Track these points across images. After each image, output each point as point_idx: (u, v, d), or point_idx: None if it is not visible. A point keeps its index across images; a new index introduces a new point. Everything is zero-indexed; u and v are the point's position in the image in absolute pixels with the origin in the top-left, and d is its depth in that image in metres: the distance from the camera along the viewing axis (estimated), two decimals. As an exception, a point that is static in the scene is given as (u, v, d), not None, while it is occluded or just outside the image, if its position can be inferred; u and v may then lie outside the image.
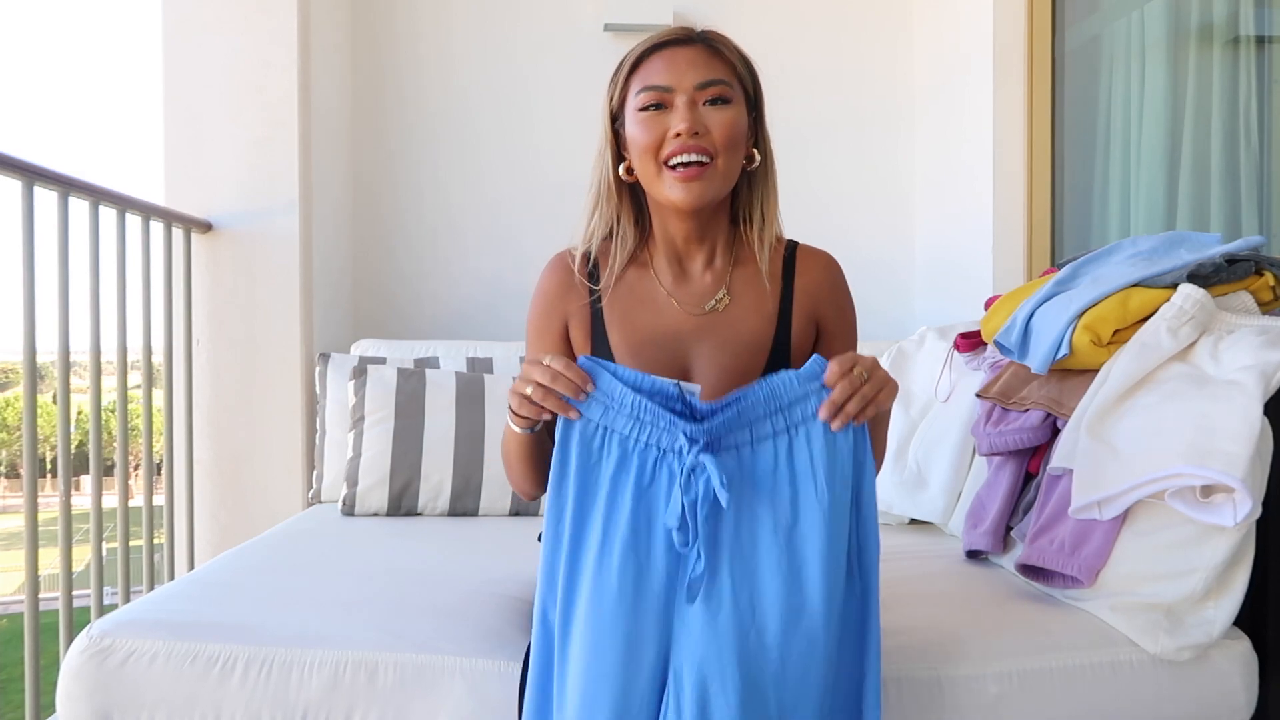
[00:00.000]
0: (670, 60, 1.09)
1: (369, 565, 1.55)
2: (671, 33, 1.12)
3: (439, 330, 2.64)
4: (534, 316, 1.19)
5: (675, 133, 1.06)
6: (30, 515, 1.55)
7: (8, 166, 1.51)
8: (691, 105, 1.08)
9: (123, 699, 1.13)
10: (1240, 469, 1.04)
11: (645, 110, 1.09)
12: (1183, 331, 1.22)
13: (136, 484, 6.27)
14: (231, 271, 2.20)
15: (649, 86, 1.09)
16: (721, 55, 1.11)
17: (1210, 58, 1.97)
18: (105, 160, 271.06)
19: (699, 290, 1.15)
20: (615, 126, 1.14)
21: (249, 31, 2.18)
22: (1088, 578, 1.22)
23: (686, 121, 1.06)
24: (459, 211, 2.67)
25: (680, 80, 1.08)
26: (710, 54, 1.10)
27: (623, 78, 1.13)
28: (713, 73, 1.09)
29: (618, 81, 1.13)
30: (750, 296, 1.14)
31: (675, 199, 1.08)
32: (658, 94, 1.08)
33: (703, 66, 1.09)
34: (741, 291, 1.15)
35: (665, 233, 1.16)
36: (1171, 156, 2.01)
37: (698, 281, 1.16)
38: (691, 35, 1.12)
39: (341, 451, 2.08)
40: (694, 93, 1.08)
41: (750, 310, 1.14)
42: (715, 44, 1.12)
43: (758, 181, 1.16)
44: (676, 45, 1.10)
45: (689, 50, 1.10)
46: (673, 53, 1.10)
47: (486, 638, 1.17)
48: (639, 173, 1.12)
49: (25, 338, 1.51)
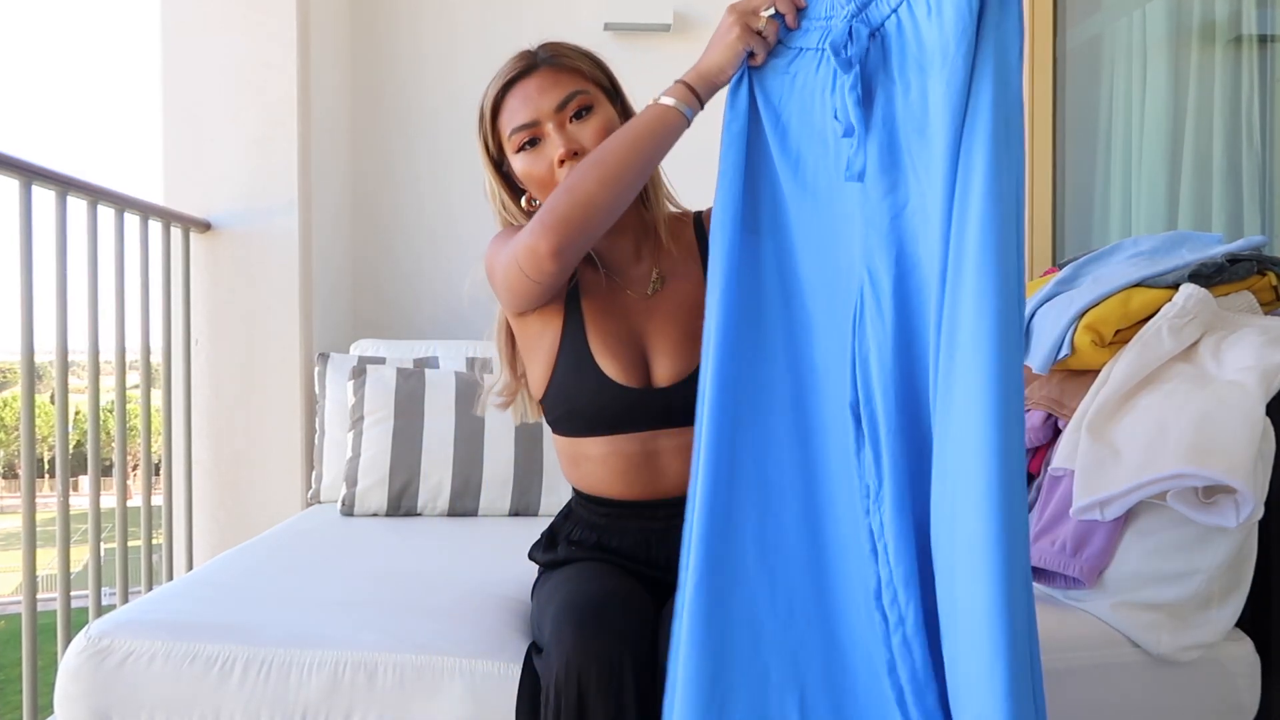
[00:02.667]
0: (524, 95, 1.15)
1: (369, 565, 1.54)
2: (514, 67, 1.17)
3: (438, 330, 2.64)
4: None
5: (559, 159, 1.13)
6: (28, 515, 1.54)
7: (6, 166, 1.51)
8: (560, 127, 1.14)
9: (121, 699, 1.12)
10: (1242, 470, 1.04)
11: (523, 150, 1.16)
12: (1184, 332, 1.22)
13: (135, 484, 6.24)
14: (231, 271, 2.20)
15: (517, 128, 1.15)
16: (566, 68, 1.17)
17: (1212, 57, 1.97)
18: (104, 160, 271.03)
19: (638, 277, 1.23)
20: (503, 170, 1.22)
21: (249, 31, 2.18)
22: (1089, 579, 1.22)
23: (563, 146, 1.13)
24: (459, 211, 2.67)
25: (539, 109, 1.14)
26: (556, 72, 1.16)
27: (489, 126, 1.19)
28: (566, 88, 1.15)
29: (484, 130, 1.20)
30: (678, 268, 1.23)
31: None
32: (528, 131, 1.15)
33: (554, 88, 1.15)
34: (670, 267, 1.23)
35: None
36: (1173, 156, 2.01)
37: (634, 270, 1.24)
38: (534, 62, 1.17)
39: (341, 451, 2.07)
40: (557, 115, 1.14)
41: (682, 279, 1.22)
42: (557, 60, 1.17)
43: None
44: (523, 78, 1.16)
45: (536, 78, 1.16)
46: (523, 86, 1.16)
47: (486, 638, 1.17)
48: (542, 202, 1.16)
49: (23, 337, 1.51)
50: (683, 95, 1.03)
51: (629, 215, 1.21)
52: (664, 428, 1.18)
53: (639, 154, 1.04)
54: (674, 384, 1.17)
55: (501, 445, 1.97)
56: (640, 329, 1.20)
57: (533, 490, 1.97)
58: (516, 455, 1.98)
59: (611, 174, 1.03)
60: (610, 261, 1.24)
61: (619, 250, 1.24)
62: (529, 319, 1.22)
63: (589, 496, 1.24)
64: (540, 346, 1.22)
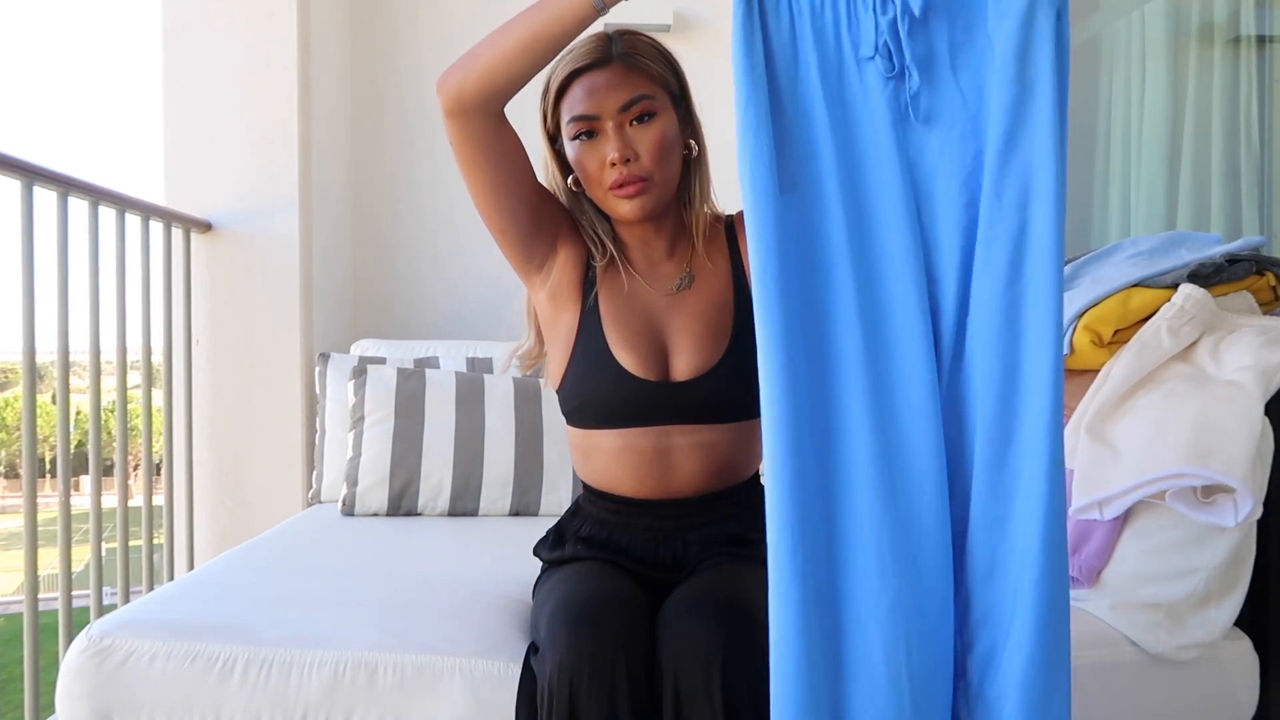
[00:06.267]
0: (590, 87, 1.14)
1: (369, 565, 1.55)
2: (588, 55, 1.15)
3: (439, 330, 2.64)
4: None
5: (610, 161, 1.13)
6: (30, 515, 1.55)
7: (7, 166, 1.51)
8: (619, 130, 1.13)
9: (122, 699, 1.12)
10: (1241, 469, 1.04)
11: (578, 139, 1.16)
12: (1183, 331, 1.22)
13: (136, 484, 6.27)
14: (231, 271, 2.20)
15: (576, 117, 1.15)
16: (639, 68, 1.15)
17: (1210, 57, 1.97)
18: (105, 160, 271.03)
19: (666, 274, 1.24)
20: (556, 146, 1.22)
21: (249, 31, 2.18)
22: (1088, 578, 1.22)
23: (617, 150, 1.13)
24: (459, 211, 2.67)
25: (603, 106, 1.13)
26: (627, 70, 1.15)
27: (551, 103, 1.19)
28: (633, 90, 1.13)
29: (546, 105, 1.20)
30: (708, 269, 1.23)
31: (625, 214, 1.17)
32: (586, 123, 1.14)
33: (622, 87, 1.13)
34: (700, 266, 1.24)
35: (631, 235, 1.24)
36: (1172, 156, 2.01)
37: (664, 267, 1.24)
38: (608, 54, 1.15)
39: (341, 451, 2.07)
40: (619, 116, 1.13)
41: (710, 277, 1.23)
42: (632, 57, 1.15)
43: (694, 168, 1.23)
44: (594, 69, 1.14)
45: (606, 73, 1.14)
46: (592, 77, 1.14)
47: (486, 638, 1.17)
48: (588, 192, 1.20)
49: (24, 338, 1.51)
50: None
51: (669, 217, 1.23)
52: (679, 423, 1.18)
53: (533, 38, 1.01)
54: (693, 378, 1.17)
55: (502, 445, 1.98)
56: (662, 324, 1.20)
57: (533, 490, 1.98)
58: (517, 455, 1.98)
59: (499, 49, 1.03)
60: (641, 258, 1.24)
61: (654, 248, 1.24)
62: (542, 299, 1.24)
63: (599, 492, 1.24)
64: (557, 336, 1.23)
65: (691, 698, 0.96)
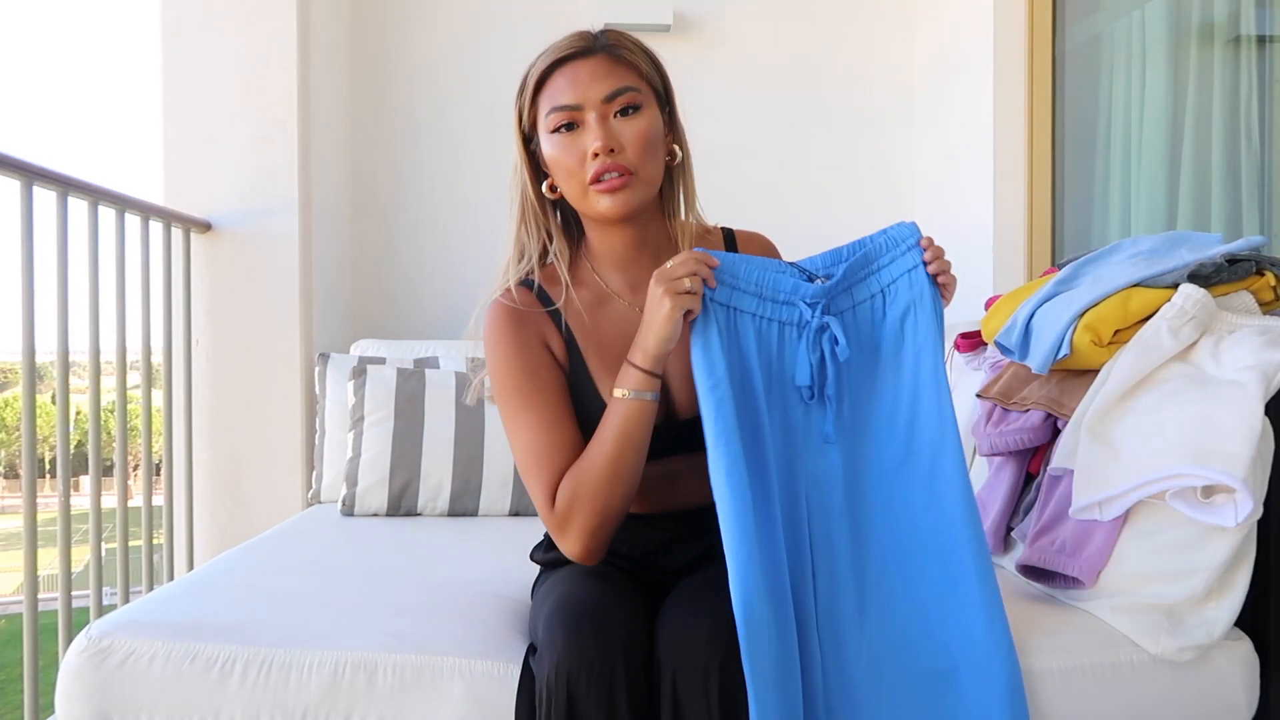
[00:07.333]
0: (574, 76, 1.08)
1: (369, 566, 1.54)
2: (571, 45, 1.10)
3: (439, 330, 2.64)
4: (512, 359, 1.12)
5: (592, 152, 1.06)
6: (29, 515, 1.55)
7: (7, 166, 1.51)
8: (603, 120, 1.07)
9: (122, 700, 1.12)
10: (1241, 469, 1.04)
11: (558, 131, 1.09)
12: (1183, 331, 1.22)
13: (136, 484, 6.27)
14: (231, 272, 2.20)
15: (557, 107, 1.08)
16: (625, 60, 1.10)
17: (1211, 57, 1.97)
18: (104, 160, 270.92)
19: None
20: (530, 147, 1.15)
21: (249, 31, 2.18)
22: (1089, 578, 1.22)
23: (600, 139, 1.06)
24: (459, 211, 2.67)
25: (586, 96, 1.07)
26: (613, 62, 1.09)
27: (529, 98, 1.12)
28: (618, 81, 1.08)
29: (524, 101, 1.13)
30: None
31: (605, 211, 1.09)
32: (568, 114, 1.08)
33: (607, 77, 1.08)
34: None
35: (608, 244, 1.17)
36: (1172, 156, 2.01)
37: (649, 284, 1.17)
38: (592, 45, 1.10)
39: (341, 451, 2.07)
40: (602, 106, 1.07)
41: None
42: (617, 50, 1.10)
43: (678, 176, 1.17)
44: (578, 58, 1.09)
45: (591, 62, 1.09)
46: (575, 67, 1.09)
47: (486, 639, 1.17)
48: (565, 192, 1.12)
49: (24, 338, 1.51)
50: (640, 382, 1.03)
51: (653, 228, 1.17)
52: (684, 453, 1.15)
53: (626, 452, 1.05)
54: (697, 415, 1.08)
55: (502, 445, 1.97)
56: None
57: (533, 490, 1.98)
58: (516, 455, 1.98)
59: (607, 476, 1.05)
60: (621, 278, 1.18)
61: (637, 263, 1.17)
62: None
63: None
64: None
65: (690, 698, 0.96)
